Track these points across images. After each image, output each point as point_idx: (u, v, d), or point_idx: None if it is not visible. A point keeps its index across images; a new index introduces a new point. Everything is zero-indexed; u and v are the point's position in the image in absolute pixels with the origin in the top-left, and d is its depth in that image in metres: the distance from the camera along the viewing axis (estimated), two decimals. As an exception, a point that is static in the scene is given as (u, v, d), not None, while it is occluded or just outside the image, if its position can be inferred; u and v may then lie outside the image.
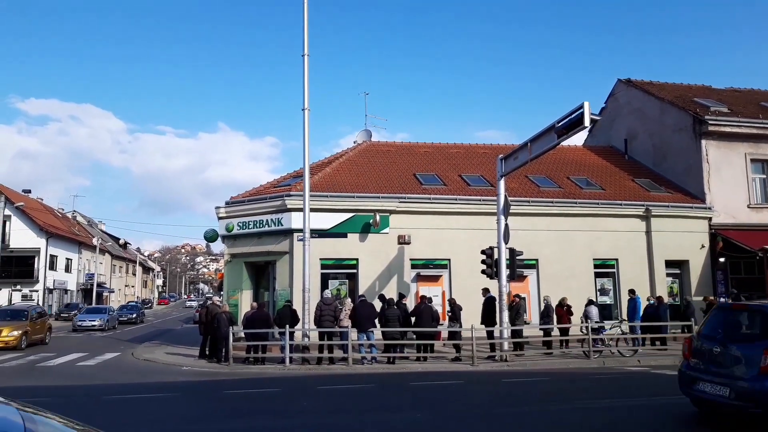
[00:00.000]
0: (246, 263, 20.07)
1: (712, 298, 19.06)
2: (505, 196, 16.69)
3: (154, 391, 11.54)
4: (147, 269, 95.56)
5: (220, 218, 20.13)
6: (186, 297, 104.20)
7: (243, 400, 10.48)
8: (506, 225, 16.40)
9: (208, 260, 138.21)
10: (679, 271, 21.78)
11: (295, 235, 18.10)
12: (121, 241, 75.20)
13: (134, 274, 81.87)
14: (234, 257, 20.15)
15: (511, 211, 16.88)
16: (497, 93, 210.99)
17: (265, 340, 15.99)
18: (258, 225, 19.35)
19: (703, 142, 22.35)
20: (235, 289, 19.99)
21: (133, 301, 58.97)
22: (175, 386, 12.42)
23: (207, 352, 16.92)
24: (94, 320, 32.81)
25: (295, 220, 18.24)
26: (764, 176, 22.83)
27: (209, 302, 18.63)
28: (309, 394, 11.29)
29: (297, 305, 16.53)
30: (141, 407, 9.75)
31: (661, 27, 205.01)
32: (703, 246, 21.56)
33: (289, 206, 18.67)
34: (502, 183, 16.78)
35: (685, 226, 21.50)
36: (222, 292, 21.86)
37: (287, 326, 15.10)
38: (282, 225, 18.85)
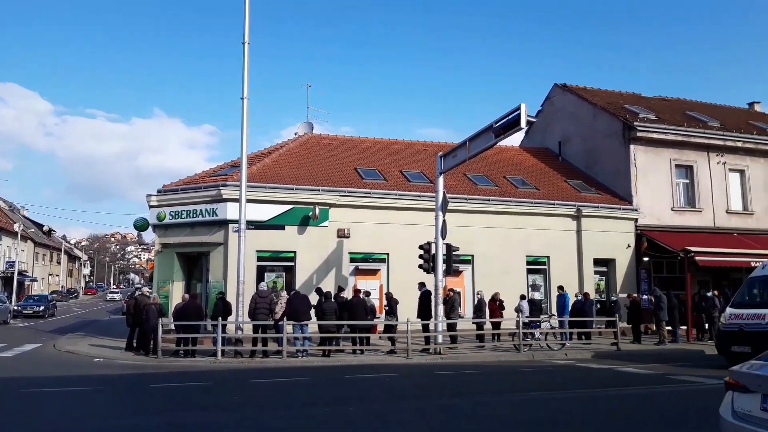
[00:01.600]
0: (178, 254, 19.45)
1: (635, 295, 19.97)
2: (444, 192, 16.90)
3: (76, 384, 11.01)
4: (73, 258, 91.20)
5: (151, 207, 19.40)
6: (114, 287, 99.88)
7: (170, 395, 10.16)
8: (444, 221, 16.62)
9: (139, 250, 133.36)
10: (606, 269, 22.72)
11: (231, 226, 17.69)
12: (45, 228, 71.53)
13: (59, 263, 77.93)
14: (165, 247, 19.49)
15: (448, 207, 17.12)
16: (441, 92, 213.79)
17: (197, 332, 15.57)
18: (192, 215, 18.79)
19: (632, 147, 23.37)
20: (166, 280, 19.35)
21: (56, 290, 56.08)
22: (99, 379, 11.89)
23: (135, 345, 16.33)
24: None
25: (231, 211, 17.82)
26: (687, 181, 24.11)
27: (138, 293, 17.96)
28: (241, 387, 11.08)
29: (231, 298, 16.17)
30: (61, 401, 9.28)
31: (598, 35, 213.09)
32: (629, 246, 22.56)
33: (225, 196, 18.22)
34: (441, 180, 16.98)
35: (613, 226, 22.44)
36: (153, 283, 21.13)
37: (220, 318, 14.76)
38: (217, 215, 18.38)
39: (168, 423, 7.62)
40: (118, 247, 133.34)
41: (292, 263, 18.98)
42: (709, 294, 19.75)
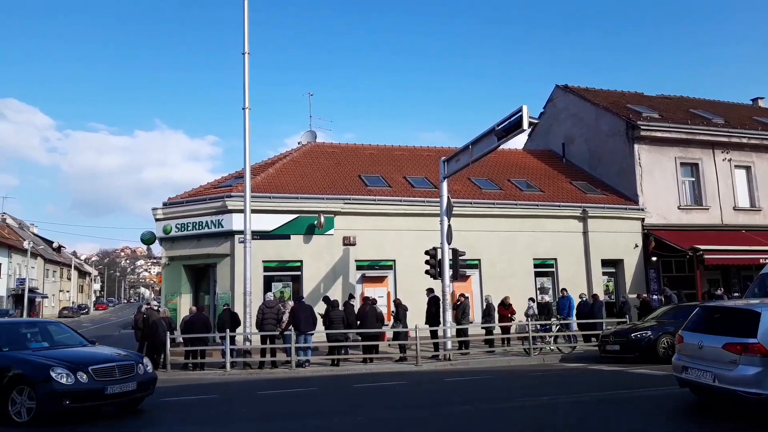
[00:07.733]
0: (185, 266, 19.50)
1: (645, 295, 19.80)
2: (448, 197, 16.86)
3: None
4: (83, 273, 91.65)
5: (157, 220, 19.49)
6: (125, 301, 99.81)
7: (176, 409, 10.13)
8: (449, 226, 16.56)
9: (149, 264, 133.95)
10: (614, 270, 22.57)
11: (237, 237, 17.74)
12: (55, 245, 72.01)
13: (69, 279, 78.35)
14: (172, 260, 19.54)
15: (453, 212, 17.07)
16: (442, 96, 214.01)
17: (205, 344, 15.58)
18: (197, 227, 18.85)
19: (636, 146, 23.26)
20: (174, 293, 19.39)
21: (67, 306, 56.20)
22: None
23: (144, 359, 16.32)
24: None
25: (236, 222, 17.87)
26: (693, 179, 23.97)
27: (145, 307, 17.99)
28: (248, 399, 11.05)
29: (239, 308, 16.19)
30: (69, 419, 9.26)
31: (598, 35, 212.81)
32: (636, 246, 22.40)
33: (230, 207, 18.27)
34: (445, 185, 16.95)
35: (620, 226, 22.31)
36: (161, 296, 21.18)
37: (227, 330, 14.76)
38: (222, 227, 18.42)
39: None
40: (128, 261, 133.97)
41: (299, 272, 18.98)
42: (718, 292, 19.55)
